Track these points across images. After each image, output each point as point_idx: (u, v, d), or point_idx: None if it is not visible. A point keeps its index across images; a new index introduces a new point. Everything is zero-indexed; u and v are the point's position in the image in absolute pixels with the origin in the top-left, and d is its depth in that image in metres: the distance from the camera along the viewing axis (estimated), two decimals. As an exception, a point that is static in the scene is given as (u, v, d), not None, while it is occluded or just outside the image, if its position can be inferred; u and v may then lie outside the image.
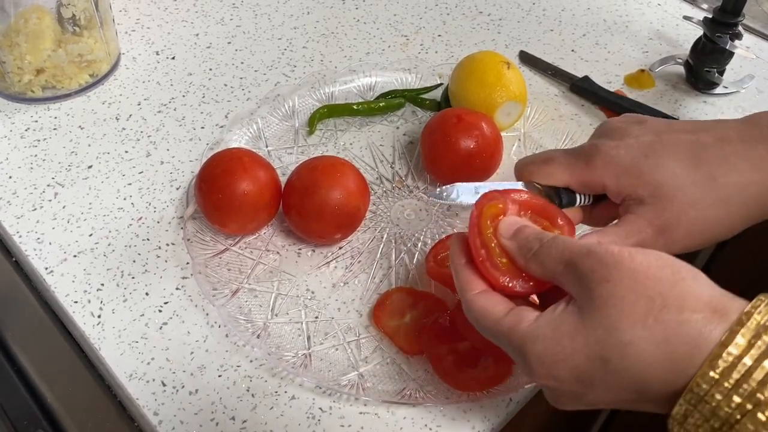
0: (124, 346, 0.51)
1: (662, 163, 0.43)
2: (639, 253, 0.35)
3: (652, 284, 0.34)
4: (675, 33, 0.83)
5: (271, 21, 0.82)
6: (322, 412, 0.48)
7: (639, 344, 0.33)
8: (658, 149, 0.44)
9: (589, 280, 0.35)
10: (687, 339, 0.32)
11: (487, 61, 0.64)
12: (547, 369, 0.36)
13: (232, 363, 0.51)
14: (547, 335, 0.36)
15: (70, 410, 0.49)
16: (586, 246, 0.37)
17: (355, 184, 0.55)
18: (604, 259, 0.35)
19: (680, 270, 0.35)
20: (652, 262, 0.35)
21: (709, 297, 0.33)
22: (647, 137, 0.45)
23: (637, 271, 0.34)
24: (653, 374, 0.33)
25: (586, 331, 0.34)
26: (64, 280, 0.55)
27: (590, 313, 0.35)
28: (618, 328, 0.34)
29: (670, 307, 0.33)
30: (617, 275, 0.34)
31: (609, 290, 0.34)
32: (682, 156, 0.43)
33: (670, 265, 0.35)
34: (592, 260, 0.36)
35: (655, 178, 0.43)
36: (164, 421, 0.47)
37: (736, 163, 0.42)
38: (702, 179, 0.42)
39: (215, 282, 0.54)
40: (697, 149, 0.43)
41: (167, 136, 0.67)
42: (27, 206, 0.60)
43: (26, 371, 0.51)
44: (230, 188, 0.54)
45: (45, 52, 0.66)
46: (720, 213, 0.42)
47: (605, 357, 0.34)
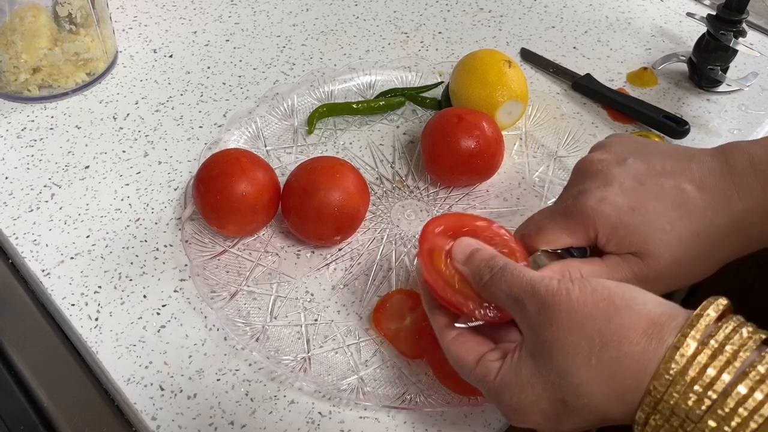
0: (122, 349, 0.51)
1: (649, 219, 0.43)
2: (577, 289, 0.36)
3: (590, 323, 0.35)
4: (678, 30, 0.82)
5: (270, 18, 0.81)
6: (321, 416, 0.48)
7: (589, 384, 0.35)
8: (643, 200, 0.44)
9: (536, 324, 0.37)
10: (629, 372, 0.34)
11: (488, 60, 0.63)
12: (519, 415, 0.38)
13: (230, 367, 0.50)
14: (511, 384, 0.38)
15: (67, 414, 0.49)
16: (530, 283, 0.37)
17: (355, 185, 0.55)
18: (545, 300, 0.36)
19: (614, 300, 0.35)
20: (588, 299, 0.35)
21: (646, 323, 0.34)
22: (630, 183, 0.45)
23: (575, 311, 0.35)
24: (609, 407, 0.35)
25: (542, 376, 0.36)
26: (61, 283, 0.54)
27: (542, 359, 0.36)
28: (567, 371, 0.35)
29: (608, 344, 0.34)
30: (558, 318, 0.36)
31: (554, 334, 0.36)
32: (665, 208, 0.44)
33: (605, 297, 0.35)
34: (535, 301, 0.37)
35: (642, 238, 0.43)
36: (162, 426, 0.47)
37: (713, 218, 0.43)
38: (686, 236, 0.43)
39: (213, 284, 0.53)
40: (680, 200, 0.44)
41: (165, 136, 0.66)
42: (23, 207, 0.59)
43: (23, 375, 0.51)
44: (228, 190, 0.53)
45: (41, 50, 0.66)
46: (699, 265, 0.44)
47: (563, 399, 0.36)
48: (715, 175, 0.44)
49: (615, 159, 0.47)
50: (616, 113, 0.71)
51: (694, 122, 0.70)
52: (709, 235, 0.43)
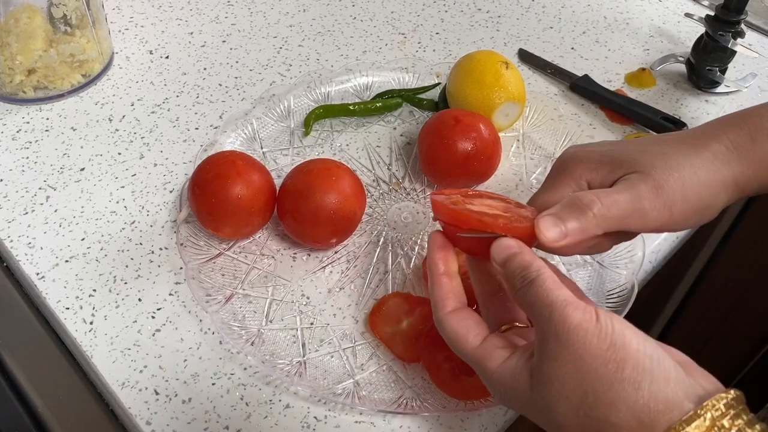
0: (117, 353, 0.50)
1: (629, 147, 0.44)
2: (595, 336, 0.34)
3: (591, 379, 0.34)
4: (676, 31, 0.82)
5: (267, 19, 0.81)
6: (317, 421, 0.48)
7: (570, 427, 0.35)
8: (621, 142, 0.46)
9: (544, 349, 0.36)
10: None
11: (485, 61, 0.63)
12: (505, 402, 0.39)
13: (225, 371, 0.50)
14: (507, 383, 0.38)
15: (61, 419, 0.49)
16: (551, 307, 0.36)
17: (351, 188, 0.54)
18: (559, 333, 0.35)
19: (625, 367, 0.34)
20: (601, 353, 0.34)
21: (642, 408, 0.33)
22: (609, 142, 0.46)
23: (583, 360, 0.34)
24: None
25: (532, 398, 0.36)
26: (55, 286, 0.54)
27: (538, 384, 0.36)
28: (554, 410, 0.35)
29: (599, 407, 0.34)
30: (566, 358, 0.35)
31: (555, 370, 0.35)
32: (644, 140, 0.44)
33: (617, 360, 0.34)
34: (549, 330, 0.35)
35: (629, 156, 0.43)
36: (157, 431, 0.47)
37: (697, 140, 0.43)
38: (672, 149, 0.43)
39: (209, 287, 0.53)
40: (656, 137, 0.45)
41: (161, 138, 0.66)
42: (18, 210, 0.59)
43: (17, 379, 0.51)
44: (224, 192, 0.53)
45: (36, 52, 0.65)
46: (701, 174, 0.42)
47: (544, 422, 0.36)
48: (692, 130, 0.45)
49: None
50: (614, 114, 0.70)
51: (692, 123, 0.70)
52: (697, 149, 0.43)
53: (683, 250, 0.65)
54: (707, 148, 0.43)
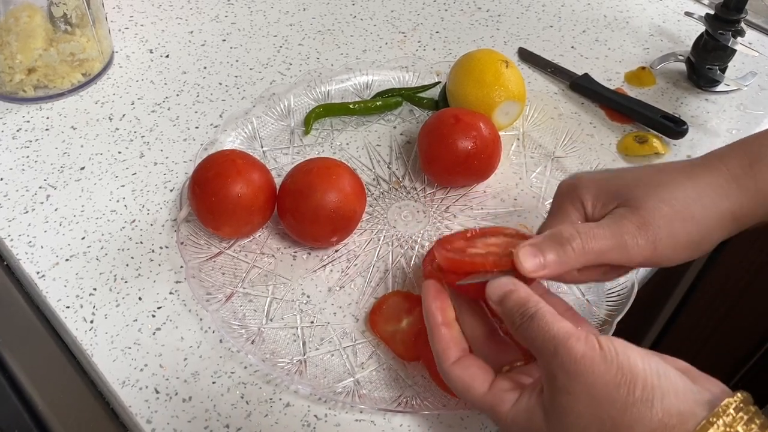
0: (117, 352, 0.51)
1: (626, 176, 0.45)
2: (602, 363, 0.35)
3: (606, 406, 0.34)
4: (676, 29, 0.82)
5: (267, 18, 0.81)
6: (317, 419, 0.48)
7: None
8: (619, 171, 0.46)
9: (553, 384, 0.36)
10: None
11: (486, 60, 0.63)
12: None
13: (226, 369, 0.50)
14: (521, 425, 0.38)
15: (62, 417, 0.49)
16: (554, 340, 0.36)
17: (351, 187, 0.54)
18: (565, 366, 0.35)
19: (635, 389, 0.34)
20: (611, 379, 0.35)
21: (658, 423, 0.34)
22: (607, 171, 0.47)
23: (595, 388, 0.35)
24: None
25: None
26: (56, 285, 0.54)
27: (553, 421, 0.36)
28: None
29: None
30: (577, 389, 0.35)
31: (568, 403, 0.35)
32: (642, 170, 0.45)
33: (626, 383, 0.35)
34: (556, 364, 0.36)
35: (623, 185, 0.44)
36: (157, 429, 0.47)
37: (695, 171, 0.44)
38: (667, 180, 0.43)
39: (209, 286, 0.53)
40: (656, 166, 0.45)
41: (161, 137, 0.66)
42: (18, 209, 0.59)
43: (17, 378, 0.51)
44: (224, 191, 0.53)
45: (36, 51, 0.65)
46: (694, 209, 0.42)
47: None
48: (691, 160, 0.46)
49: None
50: (614, 113, 0.70)
51: (692, 122, 0.70)
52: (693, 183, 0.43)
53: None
54: (705, 179, 0.43)
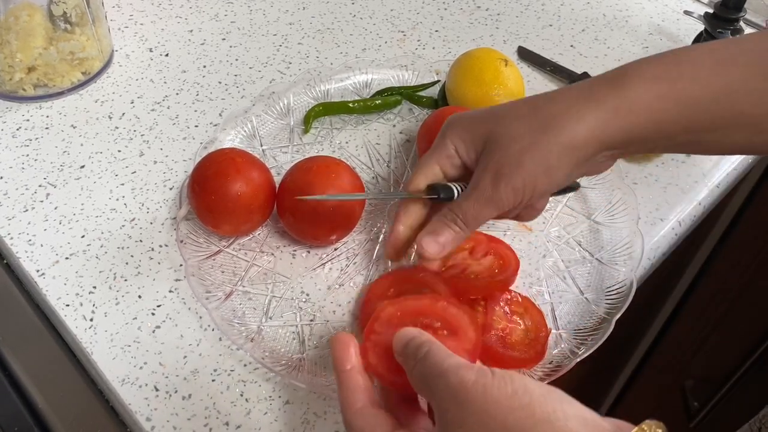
0: (117, 350, 0.51)
1: (496, 112, 0.46)
2: (495, 388, 0.32)
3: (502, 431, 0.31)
4: (675, 28, 0.82)
5: (266, 17, 0.81)
6: (316, 417, 0.48)
7: None
8: (498, 107, 0.46)
9: (444, 420, 0.33)
10: None
11: (485, 59, 0.63)
12: None
13: (225, 367, 0.50)
14: None
15: (62, 415, 0.49)
16: (445, 372, 0.34)
17: (350, 185, 0.54)
18: (457, 395, 0.33)
19: (534, 411, 0.31)
20: (505, 402, 0.32)
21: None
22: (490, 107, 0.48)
23: (488, 415, 0.32)
24: None
25: None
26: (55, 283, 0.54)
27: None
28: None
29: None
30: (469, 420, 0.32)
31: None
32: (515, 104, 0.46)
33: (524, 405, 0.32)
34: (446, 396, 0.33)
35: (488, 126, 0.45)
36: (157, 427, 0.47)
37: (561, 95, 0.44)
38: (526, 113, 0.44)
39: (209, 284, 0.53)
40: (531, 98, 0.46)
41: (161, 135, 0.66)
42: (18, 207, 0.59)
43: (17, 376, 0.51)
44: (223, 190, 0.53)
45: (36, 50, 0.66)
46: (550, 141, 0.43)
47: None
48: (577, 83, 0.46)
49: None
50: (613, 112, 0.70)
51: (691, 121, 0.70)
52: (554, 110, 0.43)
53: (683, 245, 0.65)
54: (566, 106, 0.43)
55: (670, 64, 0.43)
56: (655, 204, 0.63)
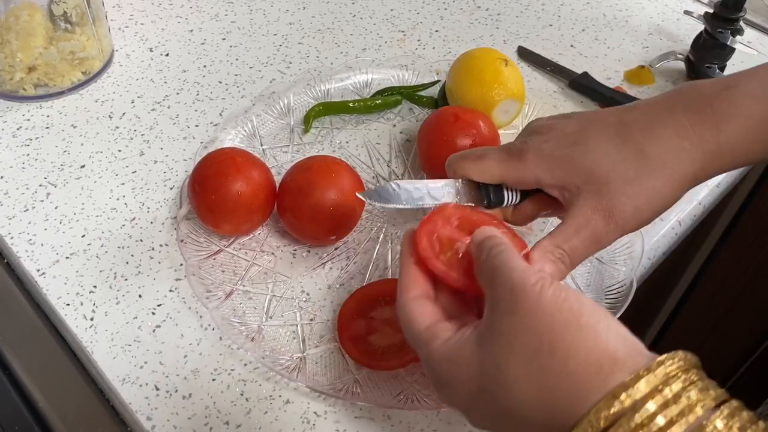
0: (117, 349, 0.51)
1: (590, 147, 0.43)
2: (551, 290, 0.34)
3: (547, 329, 0.33)
4: (675, 28, 0.82)
5: (267, 17, 0.81)
6: (317, 416, 0.48)
7: (522, 385, 0.33)
8: (585, 135, 0.44)
9: (497, 308, 0.35)
10: (565, 393, 0.32)
11: (485, 59, 0.63)
12: (446, 390, 0.37)
13: (226, 367, 0.50)
14: (450, 358, 0.36)
15: (62, 414, 0.49)
16: (511, 269, 0.36)
17: (351, 185, 0.54)
18: (515, 289, 0.35)
19: (581, 317, 0.33)
20: (555, 304, 0.33)
21: (600, 355, 0.32)
22: (573, 128, 0.45)
23: (537, 310, 0.33)
24: (533, 417, 0.33)
25: (480, 360, 0.35)
26: (56, 282, 0.54)
27: (487, 344, 0.35)
28: (505, 365, 0.34)
29: (555, 356, 0.32)
30: (519, 309, 0.34)
31: (507, 324, 0.34)
32: (608, 137, 0.43)
33: (573, 310, 0.33)
34: (504, 288, 0.35)
35: (586, 164, 0.43)
36: (157, 426, 0.47)
37: (661, 133, 0.43)
38: (631, 155, 0.43)
39: (209, 284, 0.53)
40: (622, 128, 0.44)
41: (161, 135, 0.66)
42: (19, 207, 0.59)
43: (17, 375, 0.51)
44: (224, 189, 0.53)
45: (36, 49, 0.66)
46: (657, 183, 0.42)
47: (492, 391, 0.34)
48: (661, 104, 0.44)
49: (563, 115, 0.47)
50: (614, 112, 0.70)
51: (691, 121, 0.70)
52: (655, 150, 0.42)
53: (683, 245, 0.65)
54: (669, 146, 0.42)
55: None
56: (655, 204, 0.63)
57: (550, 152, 0.44)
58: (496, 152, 0.46)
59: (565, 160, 0.43)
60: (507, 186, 0.46)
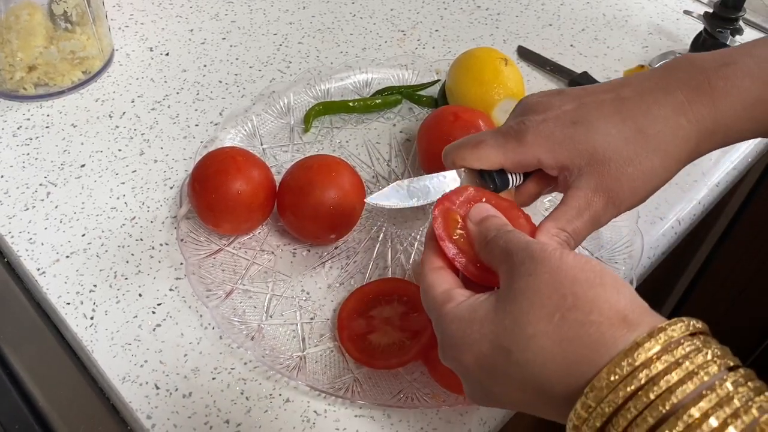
0: (117, 348, 0.51)
1: (591, 127, 0.43)
2: (571, 255, 0.35)
3: (569, 283, 0.33)
4: (675, 28, 0.82)
5: (267, 16, 0.81)
6: (317, 415, 0.48)
7: (541, 339, 0.33)
8: (584, 113, 0.43)
9: (516, 272, 0.35)
10: (588, 342, 0.32)
11: (485, 58, 0.63)
12: (453, 351, 0.36)
13: (226, 365, 0.50)
14: (463, 317, 0.36)
15: (62, 413, 0.49)
16: (526, 241, 0.37)
17: (351, 184, 0.54)
18: (535, 253, 0.35)
19: (604, 277, 0.34)
20: (578, 265, 0.34)
21: (624, 307, 0.33)
22: (570, 105, 0.44)
23: (561, 270, 0.34)
24: (553, 372, 0.33)
25: (497, 318, 0.34)
26: (56, 281, 0.54)
27: (505, 303, 0.35)
28: (525, 320, 0.33)
29: (579, 307, 0.33)
30: (540, 270, 0.34)
31: (528, 283, 0.34)
32: (607, 115, 0.43)
33: (595, 270, 0.34)
34: (524, 254, 0.36)
35: (588, 145, 0.43)
36: (157, 425, 0.47)
37: (658, 112, 0.43)
38: (631, 134, 0.42)
39: (209, 283, 0.53)
40: (620, 105, 0.43)
41: (161, 134, 0.66)
42: (19, 206, 0.59)
43: (18, 374, 0.51)
44: (224, 188, 0.53)
45: (36, 49, 0.66)
46: (655, 163, 0.43)
47: (508, 347, 0.34)
48: (655, 80, 0.44)
49: (555, 91, 0.47)
50: (613, 111, 0.70)
51: (691, 120, 0.70)
52: (655, 130, 0.42)
53: (683, 244, 0.65)
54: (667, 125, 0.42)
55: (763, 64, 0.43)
56: (654, 203, 0.63)
57: (550, 133, 0.43)
58: (492, 137, 0.45)
59: (566, 140, 0.43)
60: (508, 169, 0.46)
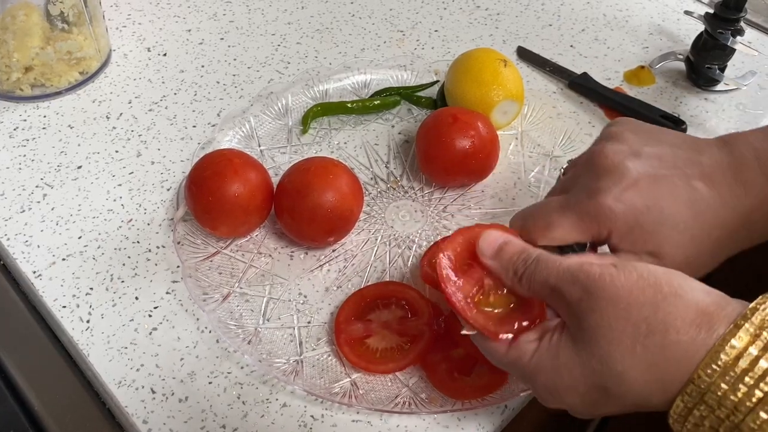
0: (113, 352, 0.50)
1: (663, 219, 0.42)
2: (621, 275, 0.35)
3: (636, 311, 0.34)
4: (675, 28, 0.81)
5: (265, 16, 0.80)
6: (314, 420, 0.47)
7: (630, 372, 0.34)
8: (658, 199, 0.43)
9: (577, 310, 0.36)
10: (674, 361, 0.33)
11: (484, 59, 0.63)
12: (554, 398, 0.38)
13: (222, 370, 0.50)
14: (547, 368, 0.37)
15: (58, 417, 0.48)
16: (568, 271, 0.37)
17: (348, 186, 0.54)
18: (587, 287, 0.36)
19: (662, 287, 0.35)
20: (633, 285, 0.35)
21: (695, 311, 0.34)
22: (644, 181, 0.43)
23: (620, 298, 0.35)
24: (650, 395, 0.35)
25: (582, 362, 0.36)
26: (52, 284, 0.54)
27: (583, 345, 0.36)
28: (610, 359, 0.35)
29: (654, 332, 0.34)
30: (602, 304, 0.35)
31: (596, 321, 0.35)
32: (680, 208, 0.43)
33: (651, 284, 0.35)
34: (577, 288, 0.36)
35: (658, 238, 0.42)
36: (153, 429, 0.47)
37: (724, 216, 0.43)
38: (699, 235, 0.43)
39: (206, 286, 0.53)
40: (693, 198, 0.43)
41: (158, 136, 0.66)
42: (15, 208, 0.59)
43: (13, 378, 0.50)
44: (221, 191, 0.53)
45: (33, 49, 0.65)
46: (707, 261, 0.44)
47: (604, 386, 0.35)
48: (723, 169, 0.44)
49: (629, 151, 0.44)
50: (613, 112, 0.70)
51: (691, 122, 0.69)
52: (719, 234, 0.43)
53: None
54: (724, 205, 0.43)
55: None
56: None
57: (624, 216, 0.42)
58: (562, 218, 0.44)
59: (638, 227, 0.42)
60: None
